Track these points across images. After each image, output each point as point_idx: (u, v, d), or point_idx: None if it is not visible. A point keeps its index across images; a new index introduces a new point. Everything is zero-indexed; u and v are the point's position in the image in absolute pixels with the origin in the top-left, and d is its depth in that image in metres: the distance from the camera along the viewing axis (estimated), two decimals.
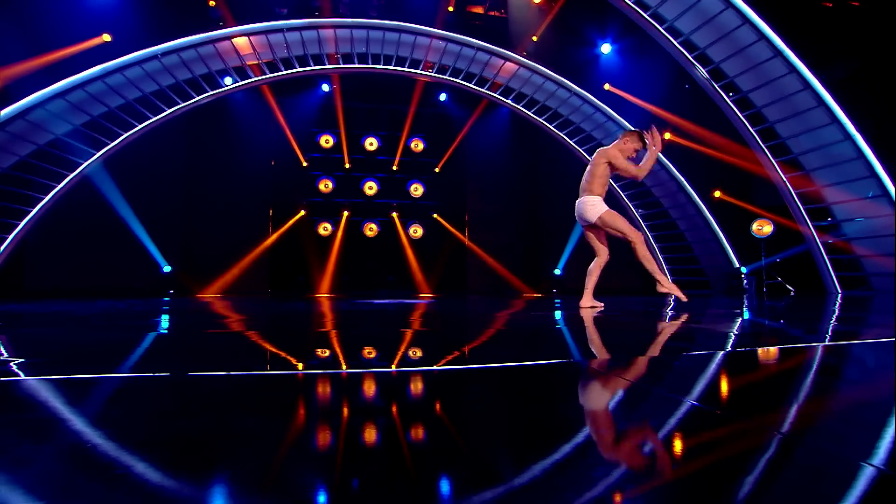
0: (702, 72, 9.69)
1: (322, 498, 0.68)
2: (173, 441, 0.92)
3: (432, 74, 11.61)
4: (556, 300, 7.90)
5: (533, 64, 11.57)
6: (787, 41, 8.89)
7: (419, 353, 2.11)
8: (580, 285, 5.35)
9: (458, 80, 11.65)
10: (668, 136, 12.14)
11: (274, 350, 2.25)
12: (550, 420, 1.07)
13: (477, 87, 11.81)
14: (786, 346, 2.21)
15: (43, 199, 9.72)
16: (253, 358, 2.04)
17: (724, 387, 1.47)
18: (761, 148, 9.68)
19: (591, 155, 12.60)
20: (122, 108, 10.07)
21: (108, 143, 10.09)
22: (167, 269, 11.44)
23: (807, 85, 8.92)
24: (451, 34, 11.15)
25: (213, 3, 10.68)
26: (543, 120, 12.19)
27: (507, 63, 11.54)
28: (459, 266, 14.08)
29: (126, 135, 10.20)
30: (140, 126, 10.28)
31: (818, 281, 9.79)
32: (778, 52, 8.90)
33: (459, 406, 1.24)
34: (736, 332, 2.82)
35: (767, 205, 10.87)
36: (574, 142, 12.37)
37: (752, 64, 9.25)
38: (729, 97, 9.72)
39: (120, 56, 9.61)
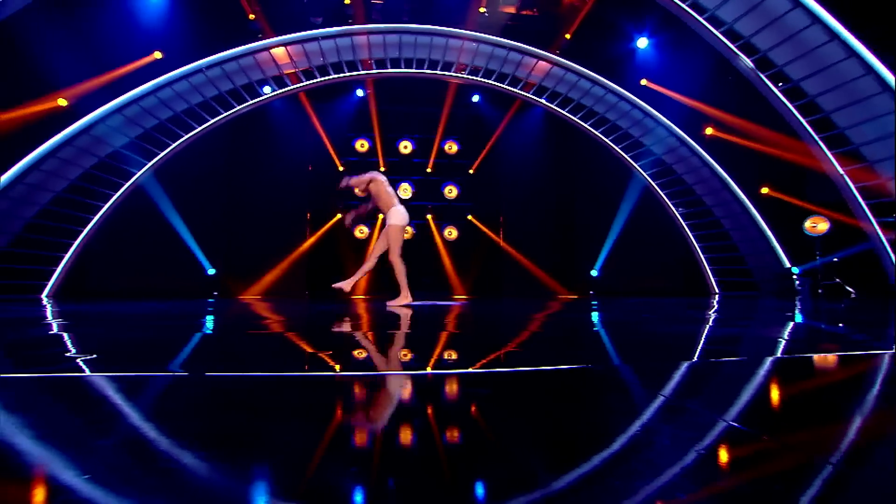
0: (746, 62, 9.26)
1: (358, 498, 0.69)
2: (216, 439, 0.95)
3: (465, 76, 11.62)
4: (593, 302, 7.72)
5: (566, 62, 11.39)
6: (845, 23, 8.30)
7: (454, 356, 2.11)
8: (618, 286, 5.22)
9: (490, 81, 11.61)
10: (709, 130, 11.67)
11: (312, 351, 2.30)
12: (577, 430, 1.05)
13: (510, 88, 11.73)
14: (844, 354, 2.07)
15: (103, 207, 10.44)
16: (292, 359, 2.09)
17: (768, 400, 1.39)
18: (815, 140, 9.14)
19: (627, 153, 12.32)
20: (170, 119, 10.65)
21: (159, 154, 10.70)
22: (211, 271, 11.93)
23: (869, 69, 8.30)
24: (483, 35, 11.12)
25: (253, 16, 11.07)
26: (578, 118, 11.97)
27: (540, 62, 11.41)
28: (494, 268, 14.00)
29: (174, 145, 10.77)
30: (186, 136, 10.82)
31: (884, 282, 9.14)
32: (834, 36, 8.34)
33: (494, 409, 1.23)
34: (786, 337, 2.67)
35: (823, 200, 10.26)
36: (610, 140, 12.09)
37: (804, 50, 8.69)
38: (778, 87, 9.23)
39: (170, 71, 10.18)
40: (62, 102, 9.35)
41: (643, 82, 11.71)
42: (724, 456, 0.87)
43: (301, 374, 1.64)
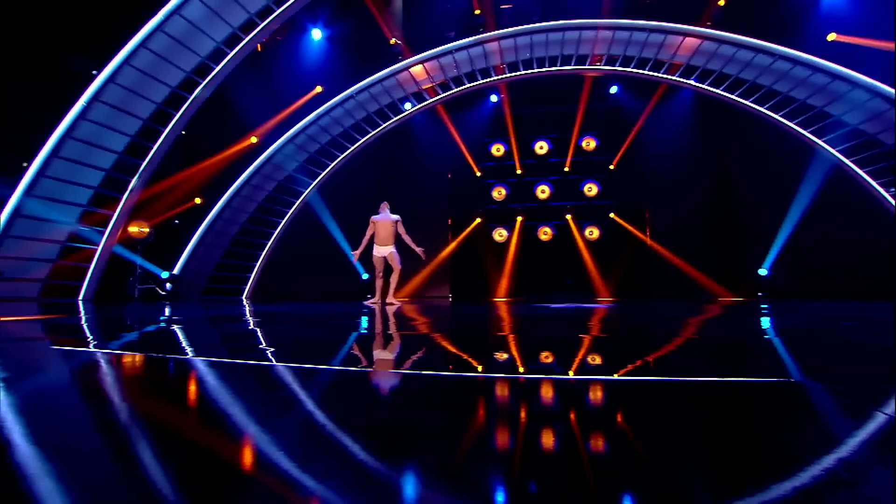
0: None
1: (500, 497, 0.72)
2: (375, 428, 1.07)
3: (601, 68, 11.04)
4: (763, 305, 6.67)
5: (719, 33, 10.06)
6: None
7: (598, 361, 2.02)
8: (796, 287, 4.46)
9: (629, 69, 10.84)
10: None
11: (457, 352, 2.41)
12: (754, 450, 0.92)
13: (652, 73, 10.80)
14: None
15: (280, 222, 12.45)
16: (439, 359, 2.22)
17: None
18: None
19: (806, 128, 10.39)
20: (329, 143, 12.25)
21: (321, 173, 12.36)
22: (365, 276, 13.23)
23: None
24: (618, 21, 10.44)
25: (394, 40, 12.08)
26: (736, 96, 10.47)
27: (687, 39, 10.28)
28: (641, 268, 12.98)
29: (332, 165, 12.34)
30: (342, 156, 12.30)
31: None
32: None
33: (642, 420, 1.15)
34: None
35: None
36: (782, 115, 10.32)
37: None
38: None
39: (328, 101, 11.76)
40: (254, 140, 11.63)
41: (831, 37, 9.68)
42: None
43: (453, 375, 1.74)
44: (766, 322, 3.81)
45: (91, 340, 2.81)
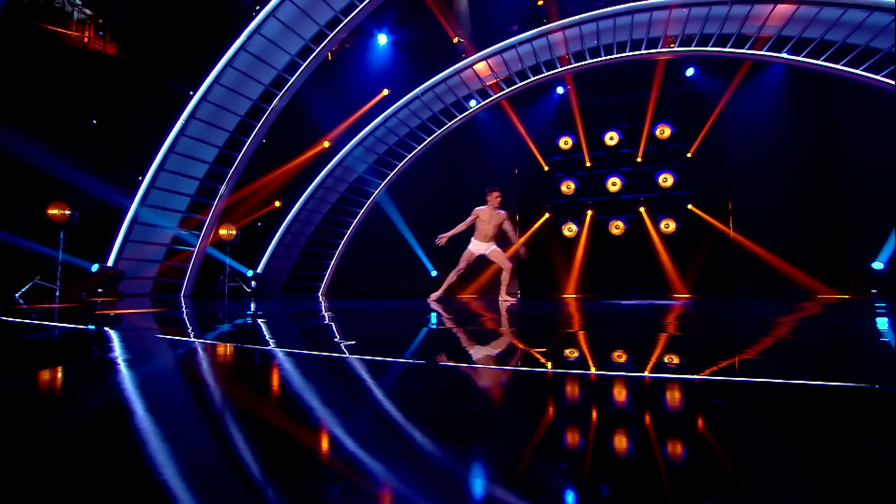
0: None
1: (570, 498, 0.72)
2: (443, 420, 1.10)
3: (675, 50, 10.37)
4: (878, 304, 5.95)
5: None
6: None
7: (676, 360, 1.93)
8: None
9: (708, 48, 10.06)
10: None
11: (525, 348, 2.40)
12: (850, 464, 0.85)
13: (735, 50, 9.94)
14: None
15: (352, 222, 13.00)
16: (506, 354, 2.23)
17: None
18: None
19: None
20: (397, 143, 12.59)
21: (389, 174, 12.73)
22: (434, 273, 13.44)
23: None
24: None
25: (457, 39, 12.15)
26: (842, 66, 9.30)
27: (779, 6, 9.33)
28: (723, 262, 12.07)
29: (400, 165, 12.66)
30: (409, 156, 12.58)
31: None
32: None
33: (724, 424, 1.09)
34: None
35: None
36: None
37: None
38: None
39: (394, 103, 12.08)
40: (326, 145, 12.27)
41: None
42: None
43: (520, 369, 1.74)
44: (881, 323, 3.41)
45: (191, 332, 3.13)
